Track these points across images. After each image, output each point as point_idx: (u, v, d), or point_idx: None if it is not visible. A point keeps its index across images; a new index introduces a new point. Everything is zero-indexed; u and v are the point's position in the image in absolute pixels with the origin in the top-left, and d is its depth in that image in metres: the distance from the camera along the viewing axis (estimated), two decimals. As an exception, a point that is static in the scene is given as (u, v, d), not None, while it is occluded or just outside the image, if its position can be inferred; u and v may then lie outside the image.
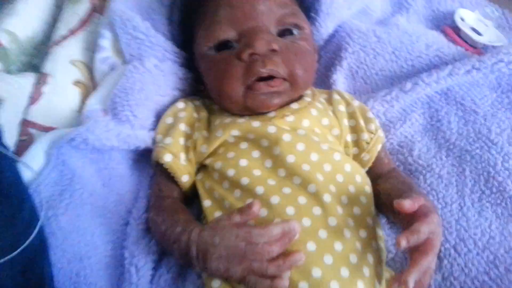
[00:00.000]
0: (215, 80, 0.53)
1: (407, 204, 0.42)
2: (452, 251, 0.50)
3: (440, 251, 0.50)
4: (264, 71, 0.49)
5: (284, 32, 0.53)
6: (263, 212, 0.45)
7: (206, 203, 0.49)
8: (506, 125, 0.57)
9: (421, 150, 0.58)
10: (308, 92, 0.57)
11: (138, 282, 0.46)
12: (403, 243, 0.39)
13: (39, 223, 0.40)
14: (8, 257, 0.38)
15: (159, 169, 0.52)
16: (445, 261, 0.50)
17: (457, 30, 0.68)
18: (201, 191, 0.51)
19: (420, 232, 0.40)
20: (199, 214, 0.51)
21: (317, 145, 0.49)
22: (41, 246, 0.41)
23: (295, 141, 0.49)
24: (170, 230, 0.46)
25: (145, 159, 0.56)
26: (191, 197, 0.53)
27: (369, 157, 0.54)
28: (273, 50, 0.50)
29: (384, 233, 0.51)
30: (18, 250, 0.38)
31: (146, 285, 0.47)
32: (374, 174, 0.54)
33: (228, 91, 0.51)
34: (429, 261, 0.41)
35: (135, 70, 0.56)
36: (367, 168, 0.54)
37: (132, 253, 0.48)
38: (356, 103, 0.57)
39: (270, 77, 0.50)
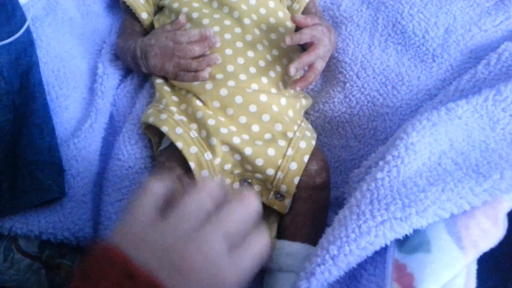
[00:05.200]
0: None
1: (298, 17, 0.54)
2: (354, 77, 0.62)
3: (345, 78, 0.63)
4: None
5: None
6: (197, 29, 0.58)
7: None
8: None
9: (347, 5, 0.69)
10: None
11: (107, 85, 0.62)
12: (287, 40, 0.52)
13: (27, 23, 0.55)
14: (6, 41, 0.53)
15: (125, 9, 0.65)
16: (348, 84, 0.62)
17: None
18: (156, 26, 0.64)
19: (302, 33, 0.53)
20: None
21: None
22: (29, 41, 0.56)
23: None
24: (126, 45, 0.60)
25: (119, 5, 0.69)
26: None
27: (299, 6, 0.66)
28: None
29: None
30: (13, 37, 0.54)
31: (112, 90, 0.63)
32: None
33: None
34: (310, 59, 0.55)
35: None
36: (297, 16, 0.66)
37: (105, 66, 0.63)
38: None
39: None
